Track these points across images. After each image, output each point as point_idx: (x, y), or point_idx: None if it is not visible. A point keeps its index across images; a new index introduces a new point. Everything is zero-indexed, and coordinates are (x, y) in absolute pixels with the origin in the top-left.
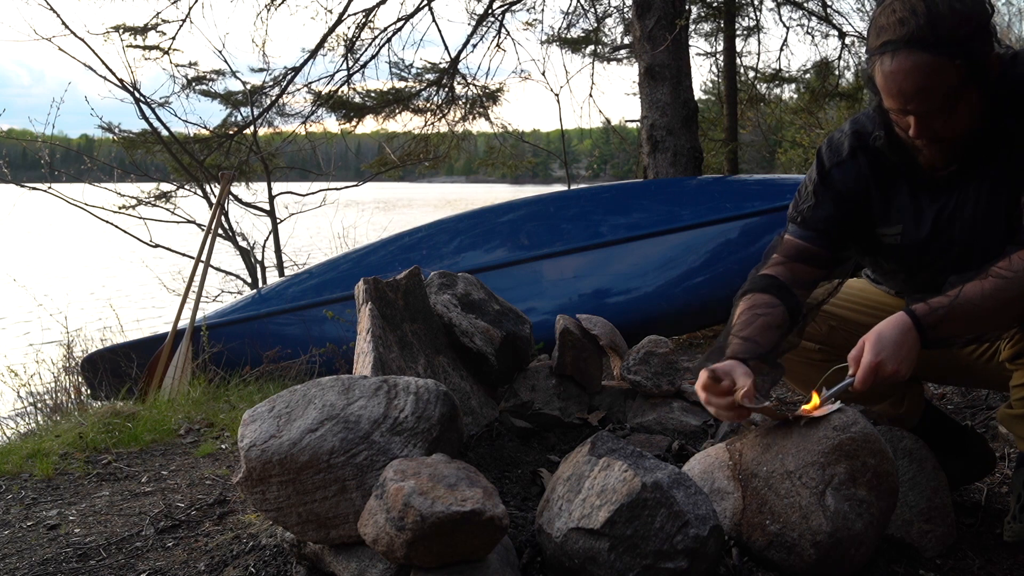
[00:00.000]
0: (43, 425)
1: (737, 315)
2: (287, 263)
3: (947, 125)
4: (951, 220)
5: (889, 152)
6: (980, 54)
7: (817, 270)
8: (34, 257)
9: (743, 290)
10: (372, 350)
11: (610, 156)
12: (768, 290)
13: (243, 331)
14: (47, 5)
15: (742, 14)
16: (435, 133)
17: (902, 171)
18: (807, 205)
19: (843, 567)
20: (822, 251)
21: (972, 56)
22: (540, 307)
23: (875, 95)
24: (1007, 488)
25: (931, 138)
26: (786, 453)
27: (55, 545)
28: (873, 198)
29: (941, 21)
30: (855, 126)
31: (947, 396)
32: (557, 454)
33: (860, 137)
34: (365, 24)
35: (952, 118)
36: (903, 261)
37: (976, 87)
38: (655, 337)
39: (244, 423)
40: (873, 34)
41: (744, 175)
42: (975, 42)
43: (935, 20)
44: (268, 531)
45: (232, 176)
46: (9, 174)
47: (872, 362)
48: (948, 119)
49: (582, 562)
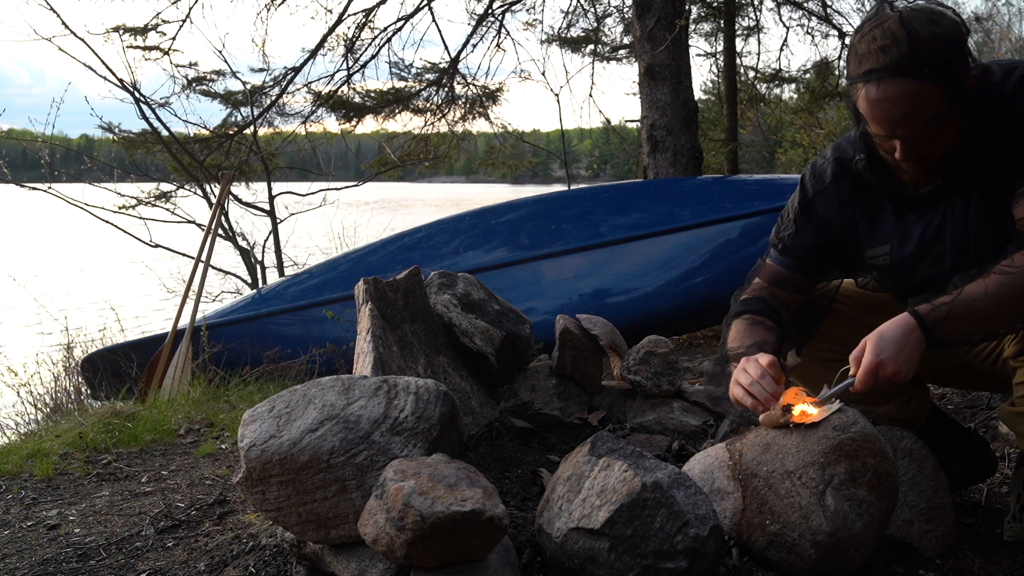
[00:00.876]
0: (43, 425)
1: (733, 336)
2: (287, 263)
3: (932, 146)
4: (938, 234)
5: (871, 175)
6: (961, 76)
7: (797, 295)
8: (34, 257)
9: (734, 312)
10: (372, 350)
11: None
12: (764, 312)
13: (243, 331)
14: (47, 5)
15: (742, 14)
16: (435, 133)
17: (885, 192)
18: (788, 233)
19: (843, 567)
20: (802, 278)
21: (954, 79)
22: (540, 307)
23: (858, 120)
24: (1007, 488)
25: (916, 160)
26: (786, 453)
27: (55, 545)
28: (858, 222)
29: (923, 47)
30: (837, 152)
31: (947, 396)
32: (557, 454)
33: (842, 164)
34: (365, 24)
35: (937, 139)
36: (892, 280)
37: (959, 108)
38: (655, 337)
39: (244, 423)
40: (854, 61)
41: (744, 175)
42: (956, 65)
43: (917, 47)
44: (268, 531)
45: (232, 176)
46: (9, 174)
47: (872, 362)
48: (933, 141)
49: (582, 562)
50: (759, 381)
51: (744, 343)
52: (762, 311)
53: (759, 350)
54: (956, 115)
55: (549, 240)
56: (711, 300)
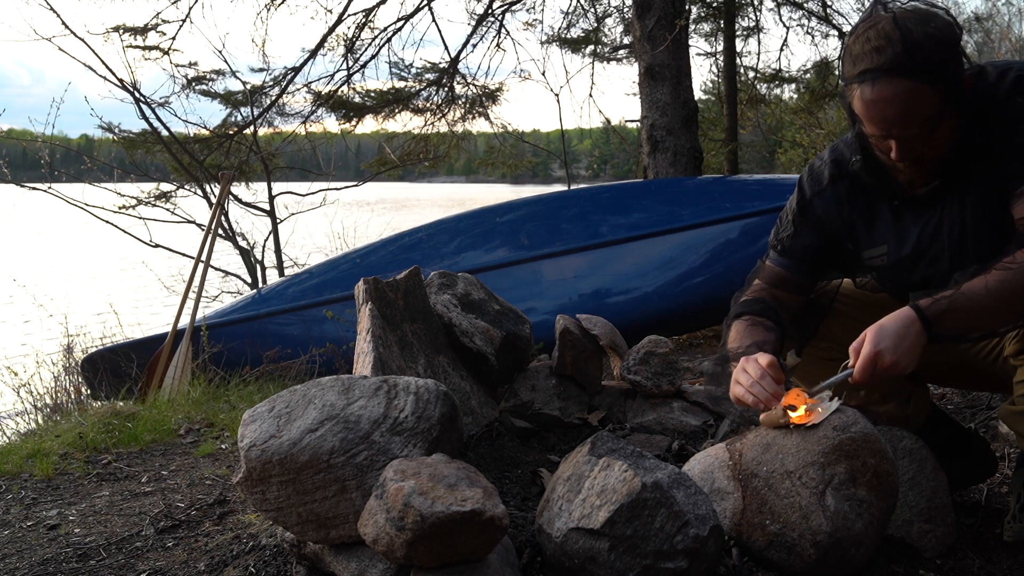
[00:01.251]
0: (43, 425)
1: (733, 336)
2: (287, 263)
3: (928, 147)
4: (935, 235)
5: (867, 175)
6: (956, 76)
7: (797, 296)
8: (34, 257)
9: (734, 314)
10: (372, 350)
11: (610, 156)
12: (764, 313)
13: (243, 331)
14: (47, 5)
15: (742, 14)
16: (435, 133)
17: (882, 193)
18: (787, 234)
19: (843, 567)
20: (801, 279)
21: (949, 79)
22: (540, 307)
23: (853, 121)
24: (1007, 488)
25: (912, 160)
26: (786, 453)
27: (55, 545)
28: (856, 223)
29: (917, 47)
30: (834, 154)
31: (947, 396)
32: (557, 454)
33: (839, 165)
34: (365, 24)
35: (933, 139)
36: (891, 280)
37: (954, 108)
38: (655, 337)
39: (244, 423)
40: (849, 62)
41: (744, 175)
42: (951, 65)
43: (911, 47)
44: (268, 531)
45: (232, 176)
46: (9, 174)
47: (871, 352)
48: (928, 141)
49: (582, 562)
50: (759, 381)
51: (744, 343)
52: (762, 312)
53: (759, 350)
54: (951, 115)
55: (549, 240)
56: (711, 300)
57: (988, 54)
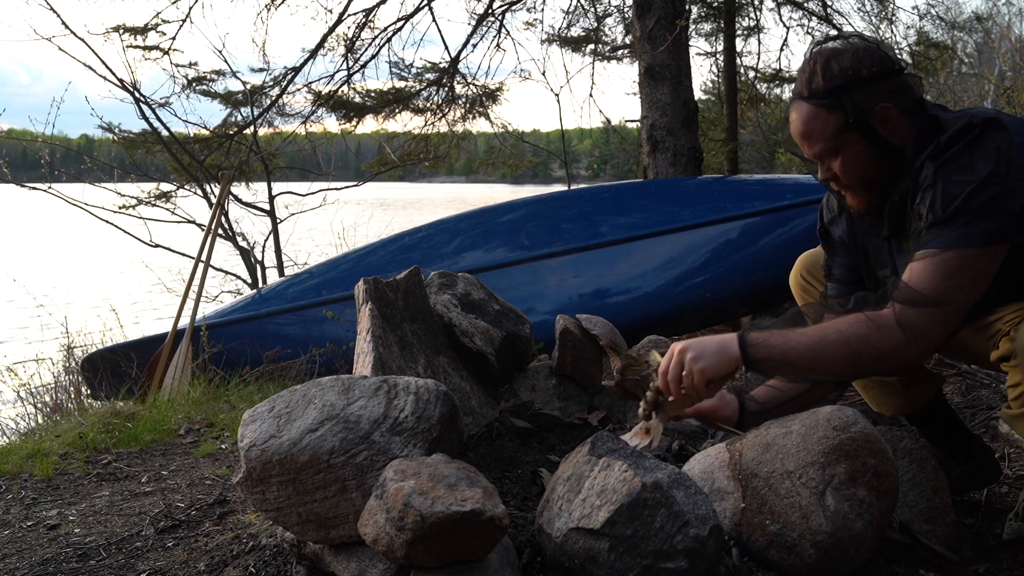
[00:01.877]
0: (43, 425)
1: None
2: (287, 263)
3: (842, 171)
4: None
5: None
6: (859, 107)
7: None
8: (34, 257)
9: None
10: (372, 350)
11: (610, 156)
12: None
13: (243, 331)
14: (47, 5)
15: (742, 14)
16: (435, 133)
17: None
18: (826, 262)
19: (843, 567)
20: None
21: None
22: (540, 307)
23: None
24: (1007, 488)
25: (834, 182)
26: (786, 453)
27: (55, 545)
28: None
29: (820, 76)
30: None
31: (947, 396)
32: (557, 454)
33: None
34: (365, 24)
35: (843, 164)
36: None
37: (860, 136)
38: (655, 337)
39: (244, 423)
40: None
41: (744, 175)
42: (856, 94)
43: (814, 75)
44: (268, 531)
45: (232, 176)
46: (9, 174)
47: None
48: (842, 165)
49: (582, 562)
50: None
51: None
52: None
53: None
54: (857, 143)
55: (549, 240)
56: (711, 300)
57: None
